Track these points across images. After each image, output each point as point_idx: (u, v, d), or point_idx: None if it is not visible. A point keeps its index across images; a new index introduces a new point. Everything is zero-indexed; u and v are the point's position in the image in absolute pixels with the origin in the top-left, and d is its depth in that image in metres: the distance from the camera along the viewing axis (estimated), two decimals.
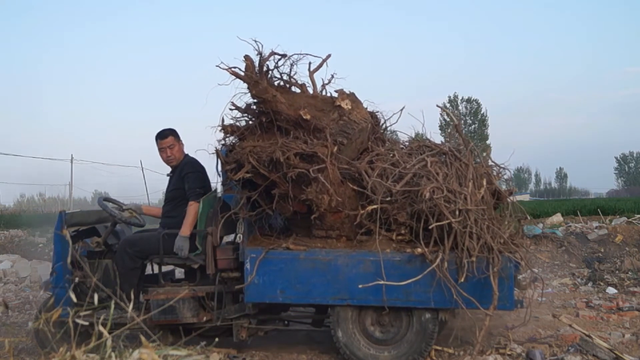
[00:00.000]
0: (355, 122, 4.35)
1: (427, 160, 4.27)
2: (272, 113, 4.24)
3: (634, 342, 4.86)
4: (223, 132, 4.43)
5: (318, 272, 4.26)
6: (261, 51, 4.25)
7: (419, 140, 4.76)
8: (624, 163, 72.61)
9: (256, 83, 4.18)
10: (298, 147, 4.14)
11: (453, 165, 4.29)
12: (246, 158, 4.18)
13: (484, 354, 4.32)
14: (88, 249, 4.87)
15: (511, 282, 4.11)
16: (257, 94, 4.20)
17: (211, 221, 4.53)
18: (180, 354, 2.07)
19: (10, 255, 11.49)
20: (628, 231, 10.21)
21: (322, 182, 4.06)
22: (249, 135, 4.36)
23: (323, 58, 4.54)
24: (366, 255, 4.20)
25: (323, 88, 4.66)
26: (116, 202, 5.03)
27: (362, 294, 4.20)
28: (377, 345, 4.32)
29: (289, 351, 4.66)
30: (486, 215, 4.12)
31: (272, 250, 4.33)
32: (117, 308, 4.01)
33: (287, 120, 4.26)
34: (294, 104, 4.31)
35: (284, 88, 4.51)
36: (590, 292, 7.67)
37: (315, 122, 4.25)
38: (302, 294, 4.34)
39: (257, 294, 4.37)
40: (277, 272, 4.31)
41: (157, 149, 4.84)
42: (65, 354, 2.15)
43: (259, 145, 4.20)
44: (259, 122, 4.33)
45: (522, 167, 72.02)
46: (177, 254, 4.51)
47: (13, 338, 4.22)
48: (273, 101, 4.21)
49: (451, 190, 4.03)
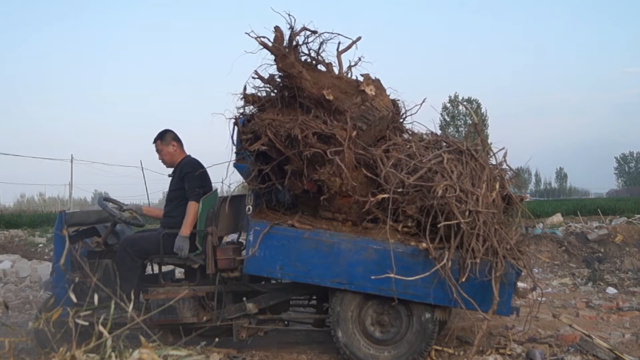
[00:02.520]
0: (377, 109, 4.30)
1: (443, 157, 4.19)
2: (295, 89, 4.20)
3: (634, 342, 4.85)
4: (244, 100, 4.39)
5: (320, 253, 4.24)
6: (293, 25, 4.21)
7: (437, 135, 4.68)
8: (624, 163, 72.62)
9: (284, 57, 4.14)
10: (317, 127, 4.10)
11: (468, 164, 4.23)
12: (264, 130, 4.14)
13: (484, 354, 4.32)
14: (88, 248, 4.87)
15: (511, 288, 4.09)
16: (284, 67, 4.17)
17: (211, 221, 4.53)
18: (180, 354, 2.07)
19: (10, 255, 11.49)
20: (628, 231, 10.21)
21: (337, 165, 4.02)
22: (269, 108, 4.32)
23: (353, 40, 4.50)
24: (370, 242, 4.18)
25: (349, 70, 4.60)
26: (116, 202, 5.03)
27: (360, 281, 4.19)
28: (377, 346, 4.31)
29: (289, 351, 4.66)
30: (495, 219, 4.07)
31: (276, 226, 4.30)
32: (117, 308, 4.00)
33: (310, 98, 4.22)
34: (318, 83, 4.28)
35: (310, 65, 4.46)
36: (590, 292, 7.67)
37: (337, 103, 4.21)
38: (301, 272, 4.32)
39: (256, 267, 4.35)
40: (279, 247, 4.28)
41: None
42: (65, 354, 2.15)
43: (278, 119, 4.16)
44: (281, 96, 4.29)
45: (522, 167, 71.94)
46: (177, 254, 4.51)
47: (13, 338, 4.22)
48: (298, 77, 4.17)
49: (464, 190, 3.98)
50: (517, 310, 4.27)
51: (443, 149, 4.36)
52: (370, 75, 4.44)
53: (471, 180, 4.13)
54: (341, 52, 4.55)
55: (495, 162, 4.45)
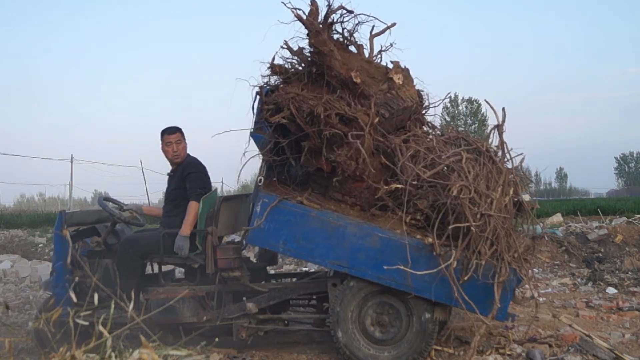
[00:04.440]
0: (402, 98, 4.26)
1: (462, 155, 4.11)
2: (324, 66, 4.17)
3: (634, 342, 4.85)
4: (271, 70, 4.36)
5: (324, 234, 4.22)
6: (330, 2, 4.19)
7: (457, 131, 4.60)
8: (624, 163, 72.61)
9: (317, 32, 4.11)
10: (341, 108, 4.07)
11: (485, 166, 4.16)
12: (287, 103, 4.12)
13: (484, 354, 4.32)
14: (88, 248, 4.88)
15: (510, 294, 4.08)
16: (315, 43, 4.14)
17: (211, 221, 4.53)
18: (180, 354, 2.07)
19: (10, 255, 11.49)
20: (628, 231, 10.20)
21: (355, 149, 3.99)
22: (294, 81, 4.30)
23: (388, 25, 4.47)
24: (376, 230, 4.15)
25: (379, 54, 4.57)
26: (116, 202, 5.03)
27: (361, 266, 4.18)
28: (377, 346, 4.30)
29: (289, 351, 4.66)
30: (506, 224, 4.01)
31: (285, 200, 4.28)
32: (117, 308, 4.00)
33: (337, 77, 4.19)
34: (347, 64, 4.25)
35: (341, 45, 4.43)
36: (590, 292, 7.66)
37: (363, 87, 4.18)
38: (303, 250, 4.32)
39: (259, 239, 4.36)
40: (285, 222, 4.27)
41: (162, 145, 4.82)
42: (65, 354, 2.15)
43: (302, 94, 4.14)
44: (308, 72, 4.26)
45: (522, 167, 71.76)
46: (177, 254, 4.51)
47: (13, 338, 4.21)
48: (329, 55, 4.14)
49: (478, 192, 3.91)
50: (512, 317, 4.27)
51: (462, 147, 4.28)
52: (400, 63, 4.41)
53: (486, 182, 4.06)
54: (374, 35, 4.52)
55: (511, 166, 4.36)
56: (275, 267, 7.77)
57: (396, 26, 4.52)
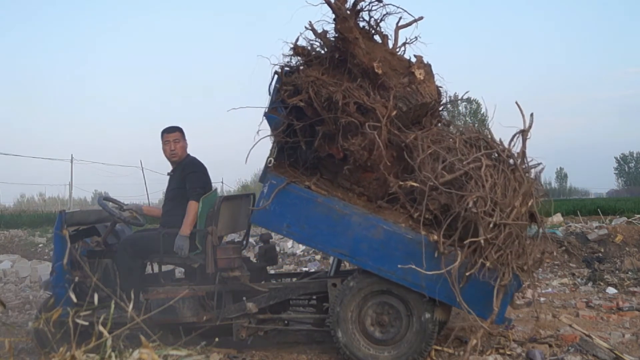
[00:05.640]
0: (421, 94, 4.22)
1: (482, 162, 3.93)
2: (347, 53, 4.15)
3: (634, 342, 4.85)
4: (293, 51, 4.35)
5: (329, 221, 4.22)
6: None
7: (478, 132, 4.40)
8: (624, 163, 72.57)
9: (344, 19, 4.09)
10: (359, 97, 4.05)
11: (504, 172, 3.98)
12: (306, 86, 4.11)
13: (484, 354, 4.32)
14: (88, 248, 4.88)
15: (508, 298, 4.06)
16: (341, 30, 4.12)
17: (211, 220, 4.53)
18: (180, 354, 2.07)
19: (10, 255, 11.51)
20: (628, 231, 10.19)
21: (370, 140, 3.97)
22: (316, 65, 4.28)
23: (415, 18, 4.45)
24: (381, 221, 4.13)
25: (403, 46, 4.55)
26: (116, 202, 5.03)
27: (363, 256, 4.18)
28: (377, 346, 4.30)
29: (289, 351, 4.66)
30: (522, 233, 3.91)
31: (292, 184, 4.27)
32: (117, 308, 4.01)
33: (359, 66, 4.17)
34: (370, 53, 4.22)
35: (367, 33, 4.42)
36: (590, 292, 7.66)
37: (384, 79, 4.16)
38: (306, 235, 4.33)
39: (263, 220, 4.38)
40: (291, 206, 4.27)
41: (162, 144, 4.83)
42: (65, 354, 2.15)
43: (323, 79, 4.13)
44: (331, 57, 4.25)
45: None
46: (177, 254, 4.51)
47: (13, 338, 4.21)
48: (353, 43, 4.12)
49: (494, 202, 3.79)
50: (508, 322, 4.26)
51: (482, 149, 4.10)
52: (424, 58, 4.38)
53: (503, 190, 3.92)
54: (400, 27, 4.51)
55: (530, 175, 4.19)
56: (275, 267, 7.77)
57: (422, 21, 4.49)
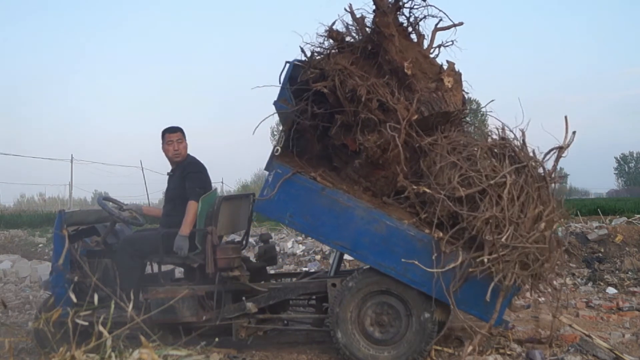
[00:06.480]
0: (446, 102, 4.17)
1: (507, 180, 3.79)
2: (380, 48, 4.13)
3: (634, 342, 4.85)
4: (328, 34, 4.32)
5: (332, 213, 4.21)
6: None
7: (505, 140, 4.17)
8: (624, 163, 72.47)
9: (384, 13, 4.07)
10: (383, 95, 4.02)
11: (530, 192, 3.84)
12: (333, 74, 4.07)
13: (484, 354, 4.32)
14: (88, 248, 4.88)
15: (507, 301, 4.06)
16: (379, 24, 4.10)
17: (210, 220, 4.53)
18: (180, 354, 2.07)
19: (10, 255, 11.49)
20: (628, 231, 10.19)
21: (386, 140, 3.94)
22: (347, 53, 4.25)
23: (455, 23, 4.40)
24: (384, 217, 4.13)
25: (438, 48, 4.51)
26: (116, 202, 5.03)
27: (364, 250, 4.18)
28: (377, 346, 4.30)
29: (289, 351, 4.66)
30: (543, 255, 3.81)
31: (298, 174, 4.26)
32: (116, 308, 4.01)
33: (390, 63, 4.14)
34: (403, 52, 4.19)
35: (404, 30, 4.39)
36: (590, 292, 7.66)
37: (412, 80, 4.13)
38: (309, 226, 4.33)
39: (266, 208, 4.38)
40: (295, 196, 4.26)
41: (164, 144, 4.82)
42: (65, 354, 2.15)
43: (350, 69, 4.10)
44: (363, 47, 4.22)
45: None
46: (177, 253, 4.51)
47: (13, 338, 4.21)
48: (389, 39, 4.09)
49: (511, 222, 3.71)
50: (506, 324, 4.26)
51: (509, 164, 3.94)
52: (455, 66, 4.34)
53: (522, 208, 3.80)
54: (438, 29, 4.47)
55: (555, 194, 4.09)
56: (275, 267, 7.77)
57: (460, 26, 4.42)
